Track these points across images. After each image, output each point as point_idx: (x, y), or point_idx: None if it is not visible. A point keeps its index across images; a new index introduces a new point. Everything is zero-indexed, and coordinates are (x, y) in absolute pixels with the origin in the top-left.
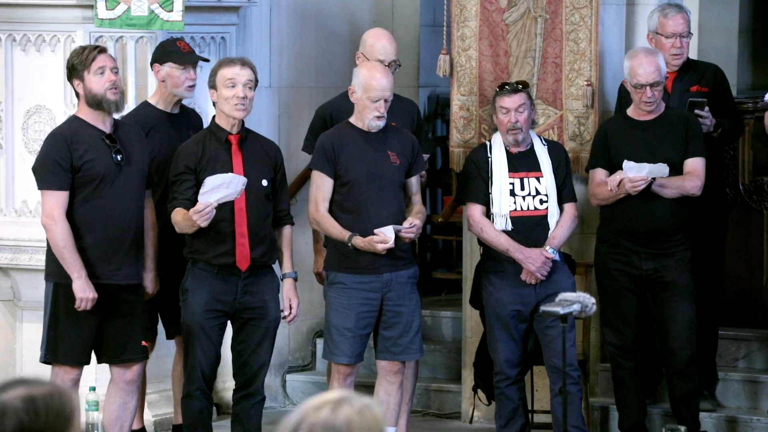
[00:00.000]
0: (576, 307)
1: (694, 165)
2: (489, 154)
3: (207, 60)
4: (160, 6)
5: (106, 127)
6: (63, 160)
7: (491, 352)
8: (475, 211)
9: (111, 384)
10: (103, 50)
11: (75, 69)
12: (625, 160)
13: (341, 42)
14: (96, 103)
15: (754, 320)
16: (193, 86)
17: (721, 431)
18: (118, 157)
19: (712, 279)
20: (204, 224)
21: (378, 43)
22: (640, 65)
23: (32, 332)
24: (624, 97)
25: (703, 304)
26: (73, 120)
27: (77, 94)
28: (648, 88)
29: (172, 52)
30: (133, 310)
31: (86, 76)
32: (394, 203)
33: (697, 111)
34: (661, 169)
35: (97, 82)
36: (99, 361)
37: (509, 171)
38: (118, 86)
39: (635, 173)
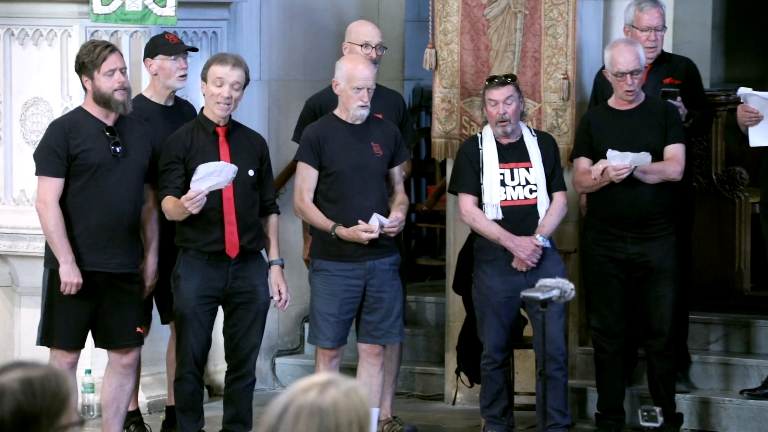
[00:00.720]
0: (555, 293)
1: (674, 151)
2: (480, 146)
3: (196, 49)
4: (154, 1)
5: (108, 121)
6: (59, 148)
7: (480, 336)
8: (466, 201)
9: (108, 367)
10: (114, 49)
11: (85, 66)
12: (609, 149)
13: (329, 36)
14: (104, 101)
15: (727, 305)
16: (184, 76)
17: (695, 412)
18: (117, 149)
19: (681, 265)
20: (195, 211)
21: (363, 28)
22: (621, 54)
23: (30, 317)
24: (599, 88)
25: None
26: (78, 111)
27: (84, 88)
28: (629, 75)
29: (161, 44)
30: (129, 297)
31: (96, 75)
32: (377, 193)
33: (669, 100)
34: (644, 157)
35: (105, 82)
36: (96, 345)
37: (499, 162)
38: (127, 87)
39: (618, 161)
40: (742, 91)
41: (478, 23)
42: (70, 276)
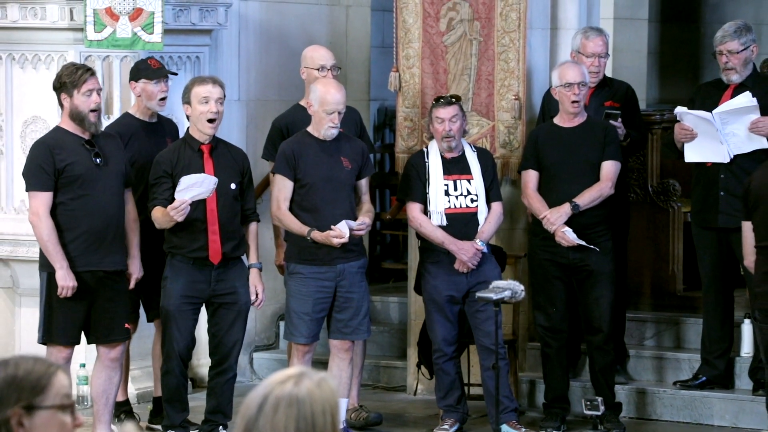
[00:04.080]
0: (507, 293)
1: (608, 168)
2: (426, 159)
3: (175, 74)
4: (142, 29)
5: (85, 135)
6: (46, 165)
7: (430, 332)
8: (414, 209)
9: (97, 361)
10: (93, 73)
11: (65, 85)
12: (571, 230)
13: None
14: (79, 119)
15: (661, 304)
16: (164, 99)
17: (632, 401)
18: (97, 160)
19: (618, 269)
20: (180, 219)
21: (316, 53)
22: (569, 68)
23: (29, 316)
24: (546, 107)
25: None
26: (57, 129)
27: (61, 105)
28: (576, 86)
29: (143, 69)
30: (118, 295)
31: (75, 94)
32: (346, 203)
33: (611, 121)
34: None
35: (83, 102)
36: (88, 342)
37: (444, 174)
38: (99, 109)
39: (570, 237)
40: (679, 110)
41: (437, 49)
42: (66, 280)
